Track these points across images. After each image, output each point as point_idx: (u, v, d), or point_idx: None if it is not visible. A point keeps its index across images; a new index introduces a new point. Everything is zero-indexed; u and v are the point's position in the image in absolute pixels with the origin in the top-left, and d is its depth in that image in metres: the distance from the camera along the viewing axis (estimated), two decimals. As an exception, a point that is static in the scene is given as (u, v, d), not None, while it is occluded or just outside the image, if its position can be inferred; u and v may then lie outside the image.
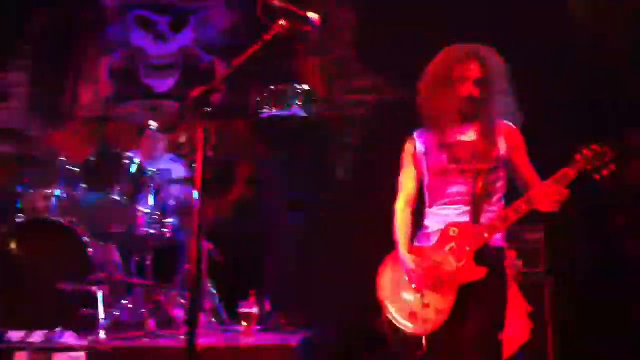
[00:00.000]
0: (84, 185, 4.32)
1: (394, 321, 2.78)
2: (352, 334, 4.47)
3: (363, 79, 5.75)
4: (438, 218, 2.82)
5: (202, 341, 3.43)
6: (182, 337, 3.70)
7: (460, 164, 2.79)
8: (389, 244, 4.87)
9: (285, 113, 4.95)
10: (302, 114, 4.98)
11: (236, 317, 3.89)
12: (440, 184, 2.83)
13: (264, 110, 4.99)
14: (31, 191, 4.35)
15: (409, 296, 2.77)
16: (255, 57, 2.55)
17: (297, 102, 5.00)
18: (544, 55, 4.76)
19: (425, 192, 2.90)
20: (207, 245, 4.33)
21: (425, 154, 2.88)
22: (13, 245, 4.06)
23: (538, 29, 4.78)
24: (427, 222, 2.87)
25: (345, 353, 4.35)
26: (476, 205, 2.75)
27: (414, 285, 2.76)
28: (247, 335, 3.72)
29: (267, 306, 4.05)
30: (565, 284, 4.15)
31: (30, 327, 3.69)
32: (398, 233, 2.88)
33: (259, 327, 3.83)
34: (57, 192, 4.25)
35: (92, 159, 4.41)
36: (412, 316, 2.74)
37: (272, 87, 4.98)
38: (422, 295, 2.74)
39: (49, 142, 5.51)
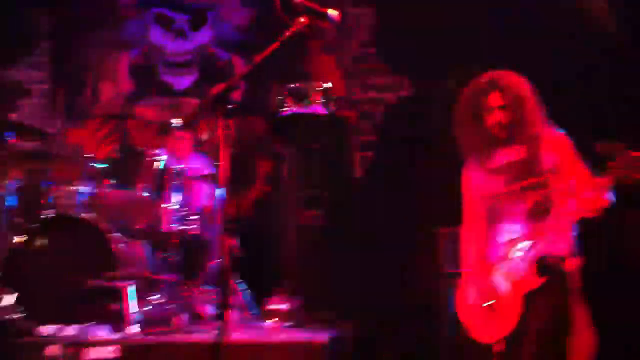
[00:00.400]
0: (109, 182, 4.37)
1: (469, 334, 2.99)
2: (379, 331, 4.51)
3: (381, 76, 5.77)
4: (503, 236, 2.97)
5: (232, 337, 3.49)
6: (212, 332, 3.76)
7: (513, 184, 2.95)
8: (406, 241, 4.94)
9: (305, 111, 4.98)
10: (322, 111, 5.01)
11: (264, 314, 3.92)
12: (500, 206, 3.00)
13: (284, 108, 5.02)
14: (57, 187, 4.39)
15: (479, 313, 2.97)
16: (274, 54, 2.58)
17: (316, 99, 5.03)
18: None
19: (493, 213, 3.06)
20: (231, 242, 4.37)
21: (481, 181, 3.08)
22: (40, 241, 4.09)
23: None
24: (497, 238, 3.01)
25: (372, 350, 4.38)
26: (531, 221, 2.88)
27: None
28: (275, 331, 3.74)
29: (294, 303, 4.07)
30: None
31: (62, 322, 3.73)
32: (464, 264, 3.09)
33: (287, 324, 3.85)
34: (83, 189, 4.28)
35: (116, 155, 4.45)
36: (482, 328, 2.95)
37: (292, 85, 5.01)
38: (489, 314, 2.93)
39: (70, 139, 5.54)
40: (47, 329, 3.71)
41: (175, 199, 4.41)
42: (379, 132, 5.65)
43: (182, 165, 4.55)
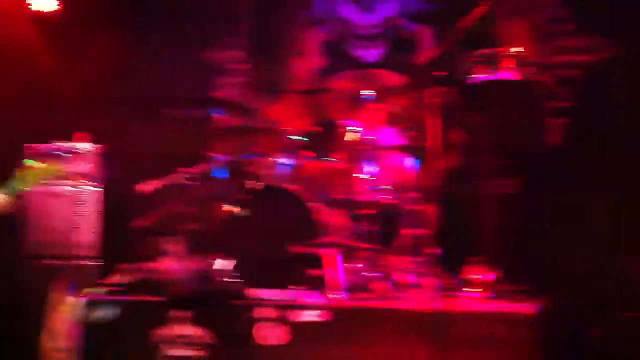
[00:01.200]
0: (307, 154, 4.55)
1: None
2: (584, 304, 4.34)
3: (576, 39, 5.49)
4: None
5: (433, 306, 3.52)
6: (412, 300, 3.83)
7: None
8: (609, 212, 4.69)
9: (496, 77, 4.86)
10: (514, 77, 4.87)
11: (463, 284, 3.91)
12: None
13: (473, 76, 4.93)
14: (260, 160, 4.65)
15: None
16: (480, 20, 2.53)
17: (508, 65, 4.89)
18: None
19: None
20: (426, 211, 4.41)
21: None
22: (247, 211, 4.35)
23: None
24: None
25: (577, 323, 4.23)
26: None
27: None
28: (478, 301, 3.72)
29: (494, 273, 4.02)
30: None
31: (272, 287, 3.97)
32: None
33: (487, 295, 3.82)
34: (284, 161, 4.51)
35: (313, 128, 4.62)
36: None
37: (481, 52, 4.90)
38: None
39: (269, 114, 5.83)
40: (258, 293, 3.95)
41: (370, 169, 4.51)
42: (576, 97, 5.39)
43: (376, 137, 4.63)
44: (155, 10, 6.04)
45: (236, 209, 4.35)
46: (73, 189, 4.19)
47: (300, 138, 4.61)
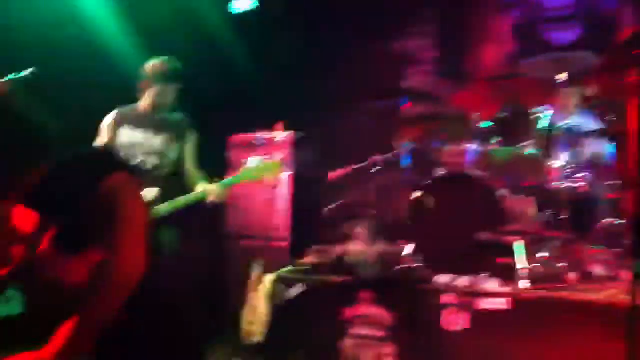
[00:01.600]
0: (497, 141, 4.48)
1: None
2: None
3: None
4: None
5: (628, 299, 3.31)
6: (604, 292, 3.64)
7: None
8: None
9: None
10: None
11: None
12: None
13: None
14: (448, 147, 4.65)
15: None
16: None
17: None
18: None
19: None
20: (626, 199, 4.16)
21: None
22: (434, 197, 4.38)
23: None
24: None
25: None
26: None
27: None
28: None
29: None
30: None
31: (456, 272, 3.97)
32: None
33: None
34: (472, 148, 4.47)
35: (503, 115, 4.54)
36: None
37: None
38: None
39: (457, 101, 5.80)
40: (442, 278, 3.97)
41: (563, 156, 4.35)
42: None
43: (569, 122, 4.45)
44: (345, 4, 6.23)
45: (424, 196, 4.39)
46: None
47: (489, 124, 4.55)
